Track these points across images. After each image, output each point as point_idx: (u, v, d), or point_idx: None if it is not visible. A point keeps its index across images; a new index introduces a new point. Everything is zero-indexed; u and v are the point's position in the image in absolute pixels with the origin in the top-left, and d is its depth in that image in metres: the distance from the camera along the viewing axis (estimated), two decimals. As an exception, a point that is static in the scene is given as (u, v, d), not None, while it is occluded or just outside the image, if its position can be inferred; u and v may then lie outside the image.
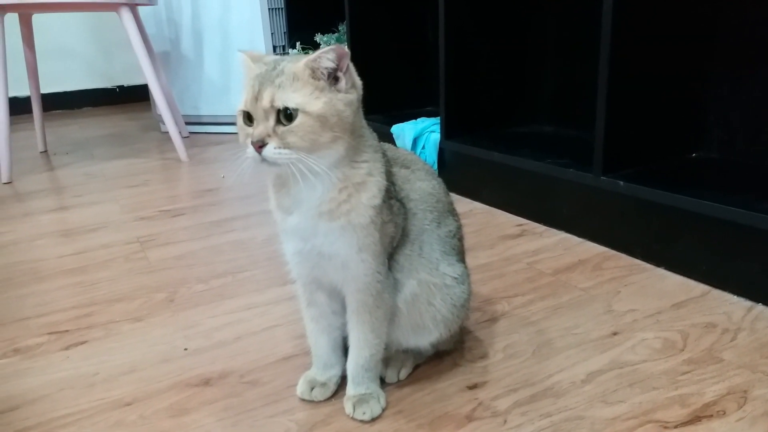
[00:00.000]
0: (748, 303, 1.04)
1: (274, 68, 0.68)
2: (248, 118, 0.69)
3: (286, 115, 0.67)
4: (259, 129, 0.67)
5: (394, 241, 0.78)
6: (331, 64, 0.68)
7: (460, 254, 0.88)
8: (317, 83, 0.68)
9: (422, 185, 0.84)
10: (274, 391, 0.87)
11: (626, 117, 1.27)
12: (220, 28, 2.68)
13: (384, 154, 0.78)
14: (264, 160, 0.67)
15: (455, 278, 0.84)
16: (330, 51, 0.67)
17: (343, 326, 0.83)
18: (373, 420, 0.79)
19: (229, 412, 0.83)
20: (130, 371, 0.94)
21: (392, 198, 0.77)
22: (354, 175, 0.72)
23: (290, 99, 0.66)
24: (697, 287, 1.11)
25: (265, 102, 0.67)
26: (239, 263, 1.34)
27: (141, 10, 2.52)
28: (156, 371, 0.94)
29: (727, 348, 0.91)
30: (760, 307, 1.03)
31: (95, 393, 0.89)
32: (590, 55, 1.29)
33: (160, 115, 2.80)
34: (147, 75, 2.30)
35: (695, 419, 0.76)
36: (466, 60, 1.70)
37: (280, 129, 0.67)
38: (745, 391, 0.81)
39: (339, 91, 0.69)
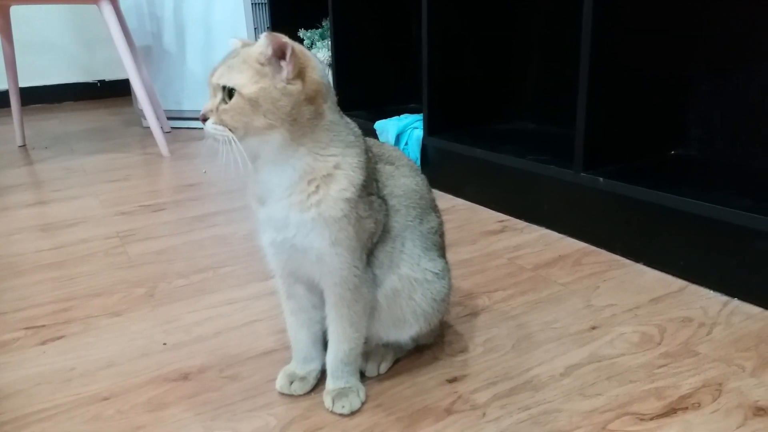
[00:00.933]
0: (724, 298, 1.05)
1: (237, 51, 0.71)
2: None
3: (228, 94, 0.69)
4: (207, 104, 0.71)
5: (374, 237, 0.78)
6: (267, 51, 0.69)
7: (441, 250, 0.89)
8: (261, 69, 0.69)
9: (406, 181, 0.84)
10: (253, 386, 0.86)
11: (607, 114, 1.28)
12: (203, 22, 2.66)
13: (368, 151, 0.78)
14: (206, 133, 0.71)
15: (436, 273, 0.84)
16: (264, 37, 0.69)
17: (324, 320, 0.83)
18: (353, 414, 0.79)
19: (208, 406, 0.82)
20: (107, 366, 0.93)
21: (373, 194, 0.77)
22: (320, 168, 0.72)
23: (231, 79, 0.69)
24: (675, 282, 1.12)
25: (214, 79, 0.70)
26: (220, 258, 1.33)
27: (122, 3, 2.49)
28: (134, 366, 0.93)
29: (703, 342, 0.93)
30: (735, 301, 1.04)
31: (72, 388, 0.88)
32: (573, 53, 1.30)
33: (141, 110, 2.77)
34: (128, 69, 2.28)
35: (671, 411, 0.77)
36: (450, 57, 1.71)
37: (221, 107, 0.69)
38: (720, 384, 0.82)
39: (281, 80, 0.69)
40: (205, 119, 0.71)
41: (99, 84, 3.97)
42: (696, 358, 0.89)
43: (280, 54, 0.68)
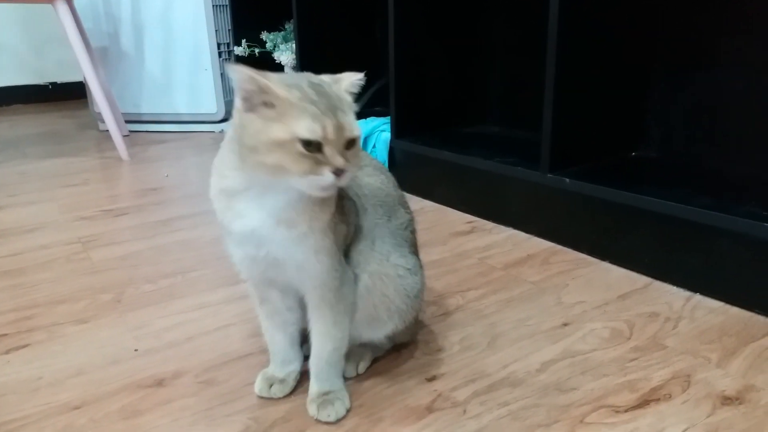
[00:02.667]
0: (687, 293, 1.09)
1: (324, 93, 0.67)
2: (309, 144, 0.64)
3: (352, 142, 0.67)
4: (341, 159, 0.65)
5: (347, 238, 0.78)
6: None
7: (413, 246, 0.89)
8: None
9: (370, 180, 0.85)
10: (230, 390, 0.85)
11: (571, 117, 1.31)
12: (162, 23, 2.61)
13: None
14: (335, 185, 0.66)
15: (408, 269, 0.84)
16: (348, 75, 0.70)
17: (299, 321, 0.83)
18: (338, 421, 0.78)
19: (185, 412, 0.81)
20: (77, 374, 0.90)
21: (343, 198, 0.77)
22: None
23: (357, 127, 0.68)
24: (640, 279, 1.16)
25: (350, 132, 0.66)
26: (188, 263, 1.31)
27: (77, 3, 2.42)
28: (105, 373, 0.90)
29: (669, 335, 0.96)
30: (698, 296, 1.08)
31: (40, 397, 0.85)
32: (534, 58, 1.33)
33: (98, 113, 2.70)
34: (85, 71, 2.21)
35: (644, 403, 0.80)
36: (415, 61, 1.72)
37: (346, 155, 0.66)
38: (689, 375, 0.85)
39: None
40: (338, 173, 0.65)
41: (50, 86, 3.84)
42: (664, 351, 0.92)
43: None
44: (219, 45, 2.64)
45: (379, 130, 1.79)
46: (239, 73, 0.64)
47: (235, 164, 0.69)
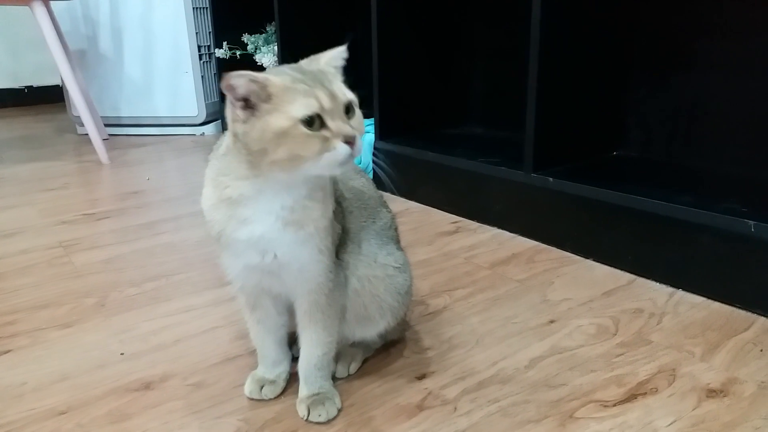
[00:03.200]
0: (670, 289, 1.11)
1: (306, 71, 0.68)
2: (311, 122, 0.63)
3: (347, 108, 0.67)
4: (344, 126, 0.65)
5: (338, 238, 0.78)
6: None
7: (398, 242, 0.90)
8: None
9: (353, 183, 0.85)
10: (220, 392, 0.85)
11: (554, 118, 1.33)
12: (141, 26, 2.59)
13: None
14: (352, 156, 0.65)
15: (396, 268, 0.85)
16: (344, 49, 0.71)
17: (288, 324, 0.83)
18: (329, 422, 0.78)
19: (174, 415, 0.80)
20: (62, 379, 0.89)
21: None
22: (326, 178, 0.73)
23: (350, 92, 0.68)
24: (624, 276, 1.17)
25: (343, 96, 0.66)
26: (173, 266, 1.29)
27: (55, 5, 2.39)
28: (91, 377, 0.89)
29: (654, 331, 0.97)
30: (680, 292, 1.10)
31: (25, 403, 0.83)
32: (517, 59, 1.35)
33: (76, 117, 2.67)
34: (63, 74, 2.18)
35: (631, 397, 0.81)
36: (398, 63, 1.73)
37: (350, 123, 0.66)
38: (674, 369, 0.87)
39: None
40: (350, 141, 0.64)
41: (26, 90, 3.79)
42: (649, 346, 0.93)
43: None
44: (199, 47, 2.62)
45: (362, 132, 1.79)
46: (241, 78, 0.63)
47: (243, 174, 0.68)
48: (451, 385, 0.84)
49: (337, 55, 0.72)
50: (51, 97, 3.67)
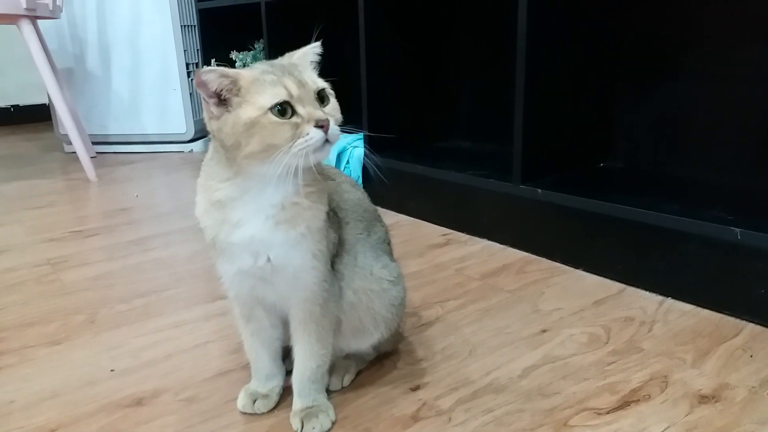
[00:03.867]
0: (659, 297, 1.12)
1: (277, 65, 0.70)
2: (283, 112, 0.65)
3: (321, 97, 0.69)
4: (315, 111, 0.66)
5: (334, 248, 0.78)
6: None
7: (391, 254, 0.90)
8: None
9: (350, 196, 0.85)
10: (212, 407, 0.84)
11: (541, 129, 1.34)
12: (129, 44, 2.59)
13: None
14: (327, 141, 0.66)
15: (391, 281, 0.85)
16: (317, 45, 0.74)
17: (282, 337, 0.83)
18: (323, 434, 0.78)
19: (167, 430, 0.79)
20: (51, 396, 0.88)
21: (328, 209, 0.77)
22: (316, 177, 0.72)
23: (321, 81, 0.70)
24: (614, 285, 1.18)
25: (313, 84, 0.68)
26: (162, 282, 1.29)
27: (41, 24, 2.39)
28: (81, 394, 0.88)
29: (645, 339, 0.98)
30: (669, 300, 1.11)
31: (13, 421, 0.82)
32: (503, 74, 1.36)
33: (63, 135, 2.66)
34: (51, 92, 2.18)
35: (624, 404, 0.81)
36: (387, 77, 1.74)
37: (326, 110, 0.68)
38: (666, 376, 0.87)
39: None
40: (321, 126, 0.65)
41: (12, 109, 3.77)
42: (641, 354, 0.93)
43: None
44: (188, 65, 2.63)
45: (352, 146, 1.80)
46: (213, 72, 0.65)
47: (226, 175, 0.70)
48: (446, 396, 0.84)
49: (310, 50, 0.74)
50: (37, 115, 3.65)
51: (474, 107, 1.86)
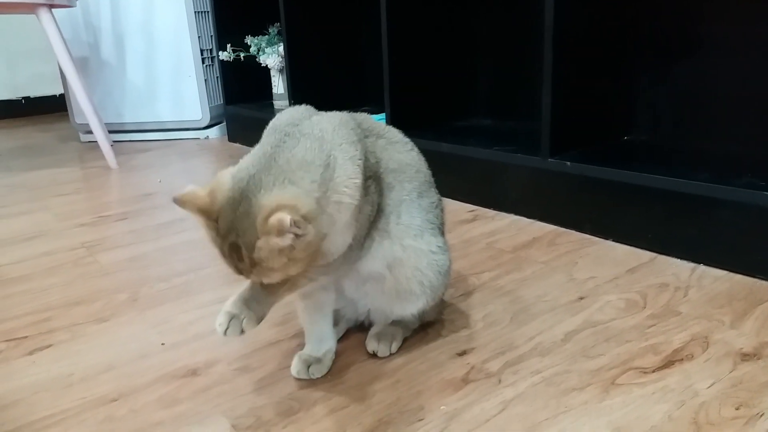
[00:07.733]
0: (692, 264, 1.14)
1: (235, 209, 0.71)
2: None
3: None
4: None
5: (371, 218, 0.79)
6: None
7: (441, 226, 0.91)
8: None
9: (400, 157, 0.85)
10: (267, 375, 0.86)
11: (568, 104, 1.35)
12: (143, 31, 2.60)
13: (356, 128, 0.78)
14: None
15: (439, 246, 0.87)
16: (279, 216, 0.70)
17: (333, 302, 0.86)
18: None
19: (225, 397, 0.82)
20: (107, 369, 0.90)
21: (369, 178, 0.77)
22: None
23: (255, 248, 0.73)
24: (645, 254, 1.20)
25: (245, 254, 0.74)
26: (198, 261, 1.31)
27: (56, 13, 2.40)
28: (136, 367, 0.90)
29: (682, 303, 1.00)
30: (702, 267, 1.13)
31: (75, 393, 0.85)
32: (523, 51, 1.37)
33: (80, 125, 2.68)
34: (71, 81, 2.19)
35: (669, 363, 0.83)
36: (407, 57, 1.75)
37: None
38: (706, 337, 0.89)
39: None
40: None
41: (23, 101, 3.78)
42: (679, 317, 0.95)
43: None
44: (202, 51, 2.64)
45: (373, 127, 1.81)
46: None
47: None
48: (492, 360, 0.86)
49: (276, 222, 0.64)
50: (48, 107, 3.67)
51: (493, 85, 1.87)
